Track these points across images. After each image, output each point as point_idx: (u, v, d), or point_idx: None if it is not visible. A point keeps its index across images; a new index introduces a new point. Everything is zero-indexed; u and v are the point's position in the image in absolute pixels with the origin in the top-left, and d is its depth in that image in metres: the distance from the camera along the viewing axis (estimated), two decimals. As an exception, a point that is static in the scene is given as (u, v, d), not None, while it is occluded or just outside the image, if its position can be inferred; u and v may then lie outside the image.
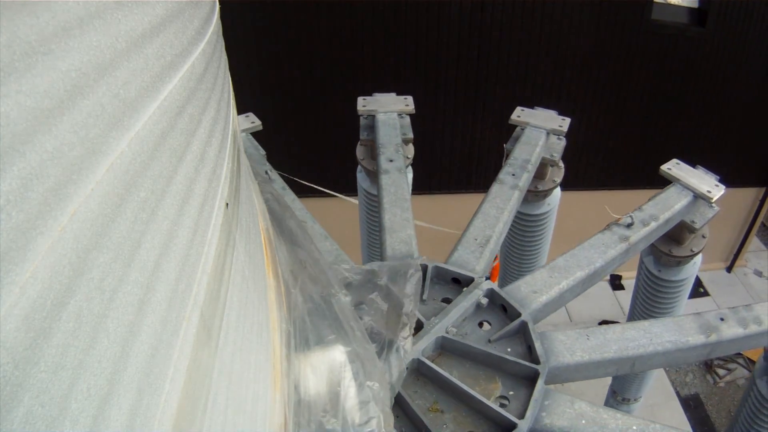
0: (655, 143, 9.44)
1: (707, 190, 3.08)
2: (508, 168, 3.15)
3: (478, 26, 7.75)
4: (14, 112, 0.49)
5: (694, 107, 9.19)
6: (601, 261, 2.61)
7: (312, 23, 7.41)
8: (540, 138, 3.38)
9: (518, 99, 8.44)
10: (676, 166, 3.25)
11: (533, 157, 3.22)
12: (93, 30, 0.61)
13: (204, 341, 0.89)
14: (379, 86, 3.91)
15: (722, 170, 11.40)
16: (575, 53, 8.22)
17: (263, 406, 1.26)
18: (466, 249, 2.62)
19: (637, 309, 3.91)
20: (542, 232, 4.08)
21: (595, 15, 7.97)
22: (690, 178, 3.13)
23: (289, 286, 1.67)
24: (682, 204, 3.03)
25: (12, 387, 0.48)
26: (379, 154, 3.15)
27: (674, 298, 3.66)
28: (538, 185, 3.76)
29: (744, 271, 12.01)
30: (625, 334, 2.30)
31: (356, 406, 1.52)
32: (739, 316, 2.43)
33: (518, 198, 2.96)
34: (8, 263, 0.48)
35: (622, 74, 8.55)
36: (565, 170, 3.79)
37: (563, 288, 2.50)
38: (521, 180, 3.05)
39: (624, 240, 2.74)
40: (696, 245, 3.48)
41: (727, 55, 8.74)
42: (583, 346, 2.25)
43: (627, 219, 2.82)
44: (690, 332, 2.34)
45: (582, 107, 8.80)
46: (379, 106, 3.50)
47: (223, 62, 1.20)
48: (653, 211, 2.96)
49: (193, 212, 0.88)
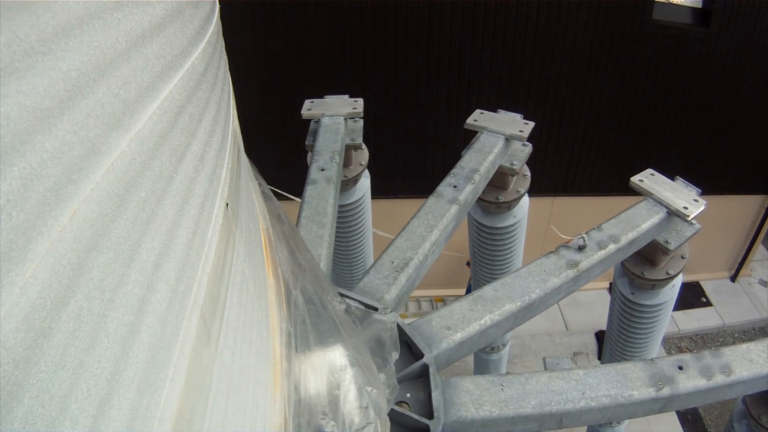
0: (656, 148, 9.30)
1: (683, 206, 2.60)
2: (450, 179, 2.78)
3: (471, 25, 7.66)
4: (14, 112, 0.49)
5: (697, 111, 9.03)
6: (538, 291, 2.21)
7: (312, 23, 7.41)
8: (495, 145, 3.01)
9: (512, 101, 8.42)
10: (649, 177, 2.79)
11: (483, 166, 2.86)
12: (93, 30, 0.61)
13: (204, 341, 0.89)
14: (379, 87, 3.90)
15: (727, 176, 11.46)
16: (572, 54, 8.09)
17: (263, 406, 1.26)
18: (379, 273, 2.25)
19: (613, 333, 3.63)
20: (510, 245, 3.81)
21: (593, 15, 7.83)
22: (664, 192, 2.68)
23: (290, 286, 1.67)
24: (651, 222, 2.59)
25: (12, 387, 0.48)
26: (311, 162, 2.84)
27: (650, 323, 3.33)
28: (499, 196, 3.43)
29: (749, 281, 11.83)
30: (552, 384, 1.93)
31: (355, 409, 1.52)
32: (702, 364, 2.03)
33: (456, 214, 2.60)
34: (8, 263, 0.48)
35: (622, 76, 8.43)
36: (563, 175, 3.64)
37: (485, 324, 2.10)
38: (463, 193, 2.67)
39: (572, 266, 2.32)
40: (673, 267, 3.04)
41: (732, 57, 8.58)
42: (494, 398, 1.89)
43: (578, 240, 2.41)
44: (636, 384, 1.95)
45: (580, 110, 8.70)
46: (326, 109, 3.22)
47: (223, 62, 1.20)
48: (614, 230, 2.52)
49: (193, 212, 0.88)
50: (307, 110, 3.20)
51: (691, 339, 10.94)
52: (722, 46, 8.47)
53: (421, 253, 2.36)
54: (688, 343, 10.87)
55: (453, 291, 10.14)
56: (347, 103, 3.28)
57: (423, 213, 2.55)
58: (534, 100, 8.38)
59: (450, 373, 1.99)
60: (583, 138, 8.95)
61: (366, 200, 3.71)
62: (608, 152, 9.22)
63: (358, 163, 3.46)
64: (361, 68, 7.86)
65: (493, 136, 3.06)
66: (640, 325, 3.33)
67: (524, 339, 9.91)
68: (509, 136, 3.08)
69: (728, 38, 8.42)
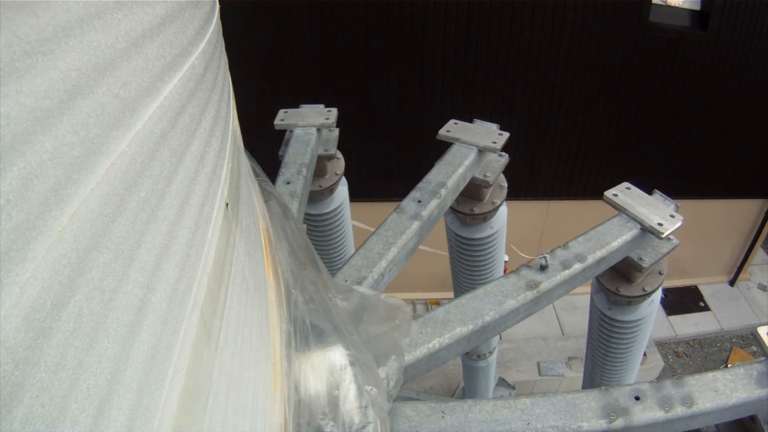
0: (654, 151, 9.19)
1: (658, 222, 2.47)
2: (415, 193, 2.67)
3: (465, 27, 7.57)
4: (14, 112, 0.49)
5: (696, 114, 8.92)
6: (493, 314, 2.11)
7: (309, 23, 7.40)
8: (467, 157, 2.91)
9: (504, 104, 8.37)
10: (624, 191, 2.64)
11: (451, 180, 2.76)
12: (93, 30, 0.61)
13: (204, 341, 0.89)
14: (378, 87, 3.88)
15: (726, 180, 11.34)
16: (567, 57, 7.95)
17: (263, 406, 1.26)
18: (330, 294, 2.21)
19: (591, 348, 3.57)
20: (488, 255, 3.74)
21: (589, 16, 7.68)
22: (638, 207, 2.55)
23: (290, 285, 1.67)
24: (623, 239, 2.47)
25: (12, 387, 0.48)
26: (278, 175, 2.77)
27: (629, 339, 3.24)
28: (474, 208, 3.37)
29: (747, 285, 11.76)
30: (496, 414, 1.83)
31: (355, 409, 1.52)
32: (661, 395, 1.90)
33: (418, 230, 2.50)
34: (8, 263, 0.48)
35: (619, 79, 8.30)
36: (559, 179, 3.55)
37: (434, 348, 2.01)
38: (427, 208, 2.56)
39: (532, 287, 2.21)
40: (650, 284, 2.91)
41: (731, 60, 8.45)
42: (433, 425, 1.81)
43: (540, 260, 2.30)
44: (587, 415, 1.84)
45: (575, 113, 8.55)
46: (299, 119, 3.14)
47: (223, 62, 1.21)
48: (581, 249, 2.39)
49: (193, 212, 0.88)
50: (280, 120, 3.14)
51: (688, 344, 10.90)
52: (721, 49, 8.33)
53: (377, 271, 2.27)
54: (685, 348, 10.83)
55: (448, 294, 10.07)
56: (321, 113, 3.21)
57: (382, 230, 2.45)
58: (528, 103, 8.31)
59: (444, 378, 1.93)
60: (579, 141, 8.81)
61: (344, 208, 3.66)
62: (604, 156, 9.10)
63: (334, 173, 3.41)
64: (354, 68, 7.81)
65: (465, 148, 2.97)
66: (619, 341, 3.25)
67: (518, 343, 9.82)
68: (482, 148, 2.99)
69: (727, 41, 8.26)
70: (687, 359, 10.66)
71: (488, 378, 6.43)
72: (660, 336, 10.64)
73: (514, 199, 9.54)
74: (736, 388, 1.92)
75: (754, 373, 1.95)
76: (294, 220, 1.96)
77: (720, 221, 10.47)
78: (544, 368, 9.47)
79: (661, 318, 10.96)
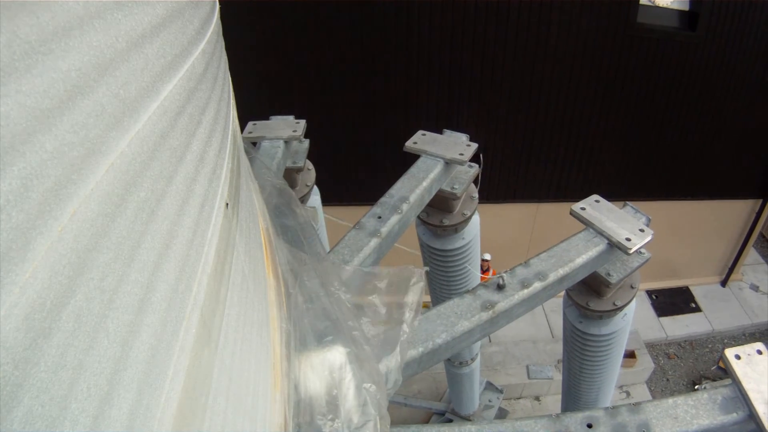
0: (644, 152, 9.16)
1: (626, 237, 2.37)
2: (375, 208, 2.58)
3: (450, 28, 7.45)
4: (14, 112, 0.49)
5: (685, 116, 8.86)
6: (444, 336, 2.04)
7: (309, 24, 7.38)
8: (432, 170, 2.82)
9: (490, 106, 8.30)
10: (593, 205, 2.53)
11: (414, 194, 2.67)
12: (93, 30, 0.61)
13: (204, 341, 0.89)
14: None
15: (717, 180, 11.25)
16: (554, 58, 7.86)
17: (263, 406, 1.26)
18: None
19: (567, 360, 3.52)
20: (461, 265, 3.69)
21: (575, 17, 7.59)
22: (606, 222, 2.45)
23: (289, 285, 1.67)
24: (588, 256, 2.36)
25: (12, 387, 0.48)
26: None
27: (602, 352, 3.15)
28: (444, 219, 3.32)
29: (739, 285, 11.72)
30: None
31: (354, 408, 1.52)
32: (616, 422, 1.81)
33: (377, 247, 2.43)
34: (8, 263, 0.48)
35: (606, 80, 8.22)
36: (548, 181, 3.49)
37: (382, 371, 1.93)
38: (386, 224, 2.49)
39: (488, 308, 2.12)
40: (621, 298, 2.82)
41: (720, 61, 8.40)
42: None
43: (497, 279, 2.20)
44: None
45: (562, 115, 8.44)
46: (267, 131, 3.09)
47: (223, 62, 1.21)
48: (542, 266, 2.29)
49: (193, 212, 0.88)
50: (248, 133, 3.09)
51: (679, 345, 10.86)
52: (710, 50, 8.25)
53: (333, 290, 2.26)
54: (676, 350, 10.79)
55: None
56: (289, 125, 3.16)
57: (339, 247, 2.39)
58: (515, 105, 8.23)
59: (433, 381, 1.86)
60: (567, 143, 8.74)
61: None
62: (593, 157, 9.03)
63: (305, 184, 3.39)
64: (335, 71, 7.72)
65: (431, 160, 2.89)
66: (594, 354, 3.18)
67: (508, 346, 9.74)
68: (449, 160, 2.90)
69: (716, 42, 8.18)
70: (678, 361, 10.64)
71: (473, 383, 6.42)
72: (650, 338, 10.61)
73: (503, 202, 9.48)
74: (698, 415, 1.82)
75: (718, 398, 1.87)
76: (302, 207, 1.97)
77: (711, 222, 10.45)
78: (533, 371, 9.39)
79: (652, 319, 10.94)
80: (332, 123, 7.81)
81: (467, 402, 7.09)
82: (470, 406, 7.23)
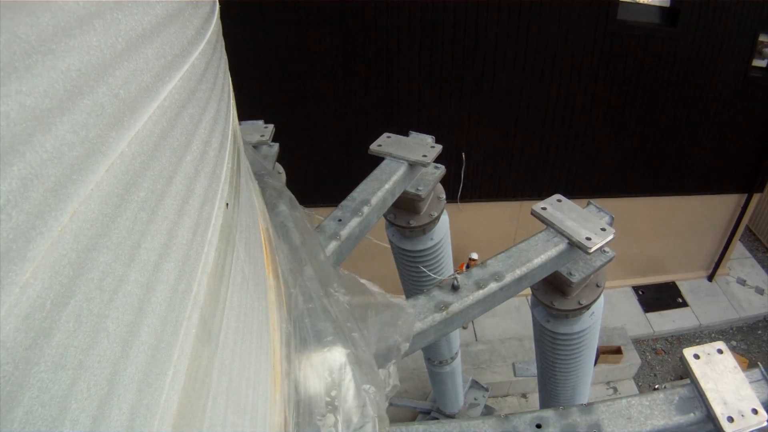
0: (628, 149, 9.14)
1: (586, 237, 2.33)
2: (337, 211, 2.58)
3: (430, 27, 7.43)
4: (14, 112, 0.49)
5: (667, 112, 8.87)
6: (398, 337, 1.98)
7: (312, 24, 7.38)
8: (395, 172, 2.82)
9: (472, 107, 8.28)
10: (555, 204, 2.52)
11: (375, 197, 2.67)
12: (93, 30, 0.61)
13: (204, 341, 0.89)
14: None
15: (700, 177, 11.25)
16: (534, 56, 7.84)
17: (263, 406, 1.26)
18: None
19: (539, 359, 3.51)
20: (432, 266, 3.67)
21: (555, 16, 7.57)
22: (567, 221, 2.41)
23: (289, 286, 1.67)
24: (547, 255, 2.33)
25: (12, 387, 0.48)
26: None
27: (572, 351, 3.13)
28: (410, 221, 3.32)
29: (726, 280, 11.68)
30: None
31: (354, 409, 1.52)
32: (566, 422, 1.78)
33: (336, 250, 2.42)
34: (8, 263, 0.48)
35: (587, 78, 8.21)
36: (530, 179, 3.48)
37: None
38: (347, 227, 2.47)
39: (441, 309, 2.09)
40: (586, 297, 2.79)
41: (702, 57, 8.40)
42: None
43: (451, 280, 2.16)
44: None
45: (544, 112, 8.42)
46: None
47: (223, 62, 1.21)
48: (499, 267, 2.25)
49: (193, 212, 0.88)
50: None
51: (666, 340, 10.81)
52: (691, 46, 8.23)
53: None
54: (663, 345, 10.75)
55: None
56: (257, 131, 3.16)
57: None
58: (496, 103, 8.20)
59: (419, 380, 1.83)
60: (549, 141, 8.72)
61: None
62: (575, 155, 8.99)
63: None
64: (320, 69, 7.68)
65: (395, 162, 2.89)
66: (564, 353, 3.15)
67: (494, 344, 9.68)
68: (413, 162, 2.90)
69: (697, 37, 8.16)
70: (665, 356, 10.61)
71: (455, 382, 6.40)
72: (637, 333, 10.57)
73: (486, 200, 9.46)
74: (652, 415, 1.78)
75: (675, 398, 1.83)
76: (300, 209, 1.97)
77: (697, 217, 10.44)
78: (519, 369, 9.34)
79: (639, 315, 10.90)
80: (314, 124, 7.82)
81: (452, 400, 7.10)
82: (455, 404, 7.24)
